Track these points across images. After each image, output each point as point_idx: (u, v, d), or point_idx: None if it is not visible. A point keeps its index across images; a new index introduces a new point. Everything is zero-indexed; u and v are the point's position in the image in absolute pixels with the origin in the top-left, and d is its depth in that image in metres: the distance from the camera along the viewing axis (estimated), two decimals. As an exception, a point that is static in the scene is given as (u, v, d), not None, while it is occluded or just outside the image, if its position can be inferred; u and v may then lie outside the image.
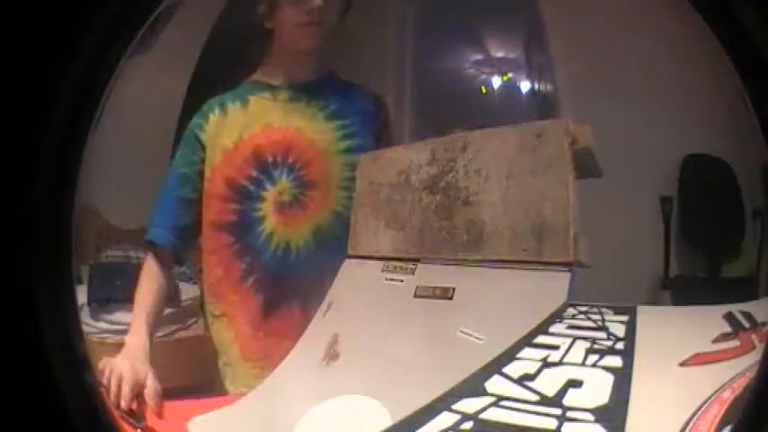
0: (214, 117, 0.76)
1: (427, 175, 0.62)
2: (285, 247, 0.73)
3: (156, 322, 0.74)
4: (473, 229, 0.57)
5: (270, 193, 0.74)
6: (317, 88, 0.76)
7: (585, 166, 0.54)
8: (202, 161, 0.76)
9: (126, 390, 0.60)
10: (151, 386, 0.63)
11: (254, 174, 0.74)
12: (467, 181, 0.59)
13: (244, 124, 0.75)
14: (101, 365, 0.61)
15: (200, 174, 0.76)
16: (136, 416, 0.60)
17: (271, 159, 0.74)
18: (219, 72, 0.81)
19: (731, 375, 0.42)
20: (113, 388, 0.60)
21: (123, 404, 0.59)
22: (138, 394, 0.62)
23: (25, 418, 0.36)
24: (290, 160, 0.74)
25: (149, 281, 0.75)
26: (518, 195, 0.55)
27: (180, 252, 0.79)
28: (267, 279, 0.74)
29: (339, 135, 0.74)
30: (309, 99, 0.75)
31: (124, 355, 0.66)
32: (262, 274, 0.74)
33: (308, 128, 0.74)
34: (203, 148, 0.76)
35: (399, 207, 0.64)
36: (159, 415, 0.62)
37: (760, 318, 0.48)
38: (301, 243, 0.73)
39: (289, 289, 0.72)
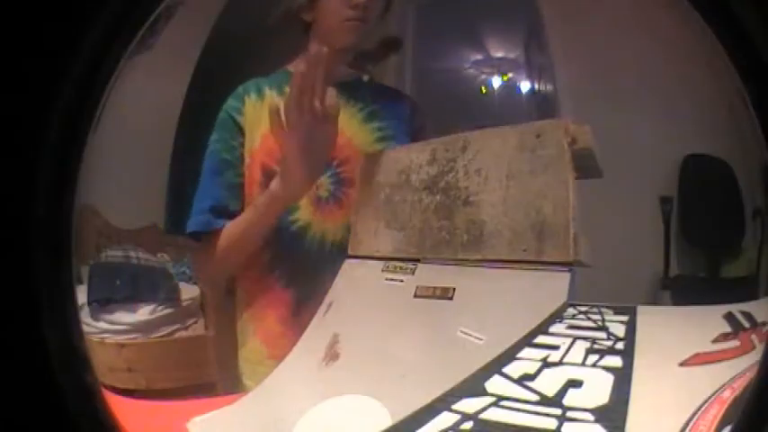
0: (251, 101, 0.75)
1: (427, 175, 0.62)
2: (320, 241, 0.73)
3: None
4: (473, 229, 0.57)
5: None
6: (354, 88, 0.75)
7: (585, 166, 0.54)
8: (242, 145, 0.75)
9: None
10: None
11: None
12: (467, 181, 0.59)
13: None
14: None
15: (242, 158, 0.75)
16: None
17: None
18: (221, 71, 0.81)
19: (731, 375, 0.42)
20: None
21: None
22: None
23: (25, 418, 0.36)
24: None
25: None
26: (518, 195, 0.55)
27: None
28: (299, 274, 0.73)
29: (376, 137, 0.74)
30: (347, 98, 0.74)
31: None
32: (292, 268, 0.73)
33: (346, 126, 0.73)
34: (242, 132, 0.75)
35: (399, 207, 0.64)
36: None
37: (760, 318, 0.48)
38: (337, 238, 0.72)
39: (321, 286, 0.70)
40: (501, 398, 0.44)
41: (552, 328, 0.50)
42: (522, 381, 0.45)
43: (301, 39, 0.76)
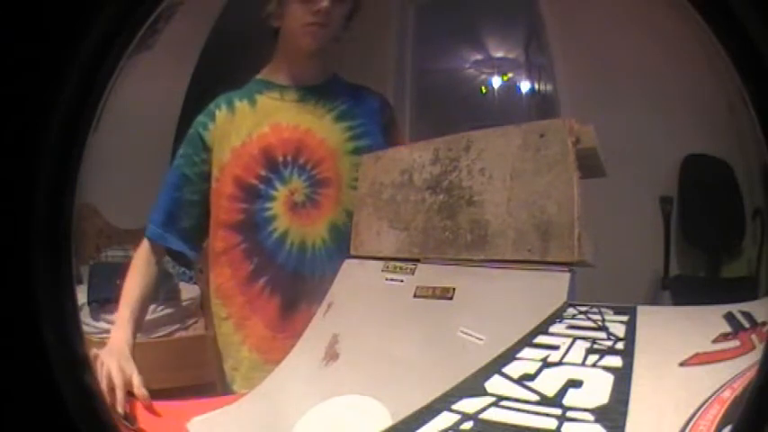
0: (221, 114, 0.75)
1: (430, 175, 0.62)
2: (300, 245, 0.73)
3: (141, 318, 0.74)
4: (477, 228, 0.57)
5: (280, 192, 0.73)
6: (325, 90, 0.76)
7: (589, 165, 0.54)
8: (204, 162, 0.75)
9: (120, 396, 0.60)
10: (137, 384, 0.63)
11: (263, 173, 0.74)
12: (470, 180, 0.59)
13: (252, 123, 0.75)
14: (92, 357, 0.60)
15: (203, 175, 0.75)
16: (128, 418, 0.60)
17: (281, 159, 0.74)
18: (220, 71, 0.81)
19: (731, 375, 0.42)
20: (108, 394, 0.59)
21: (120, 409, 0.59)
22: (129, 394, 0.62)
23: (26, 419, 0.36)
24: (302, 160, 0.73)
25: (137, 275, 0.75)
26: (522, 195, 0.55)
27: (186, 254, 0.78)
28: (284, 279, 0.73)
29: (349, 135, 0.74)
30: (317, 100, 0.75)
31: (110, 351, 0.65)
32: (277, 275, 0.74)
33: (317, 128, 0.74)
34: (208, 148, 0.75)
35: (402, 207, 0.64)
36: (150, 410, 0.62)
37: (760, 318, 0.48)
38: (318, 241, 0.73)
39: (308, 288, 0.72)
40: (501, 398, 0.44)
41: (552, 328, 0.49)
42: (522, 381, 0.45)
43: (271, 46, 0.77)
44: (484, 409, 0.44)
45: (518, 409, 0.43)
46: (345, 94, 0.76)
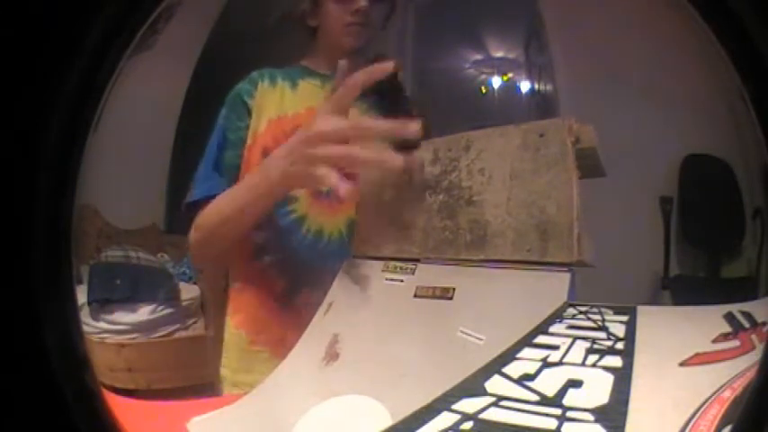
0: (263, 85, 0.76)
1: (430, 175, 0.62)
2: (316, 233, 0.73)
3: None
4: (477, 228, 0.57)
5: None
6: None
7: (589, 165, 0.54)
8: (247, 127, 0.75)
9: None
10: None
11: None
12: (470, 180, 0.59)
13: (290, 102, 0.75)
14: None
15: (244, 141, 0.75)
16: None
17: None
18: (221, 71, 0.81)
19: (731, 375, 0.42)
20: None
21: None
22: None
23: (25, 419, 0.36)
24: None
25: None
26: (522, 195, 0.55)
27: None
28: (292, 264, 0.73)
29: None
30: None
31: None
32: (286, 258, 0.73)
33: None
34: (249, 114, 0.75)
35: (402, 207, 0.64)
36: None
37: (760, 318, 0.48)
38: (335, 233, 0.72)
39: (313, 279, 0.70)
40: (501, 398, 0.44)
41: (552, 328, 0.49)
42: (522, 381, 0.45)
43: (309, 42, 0.78)
44: (484, 409, 0.44)
45: (518, 409, 0.43)
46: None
